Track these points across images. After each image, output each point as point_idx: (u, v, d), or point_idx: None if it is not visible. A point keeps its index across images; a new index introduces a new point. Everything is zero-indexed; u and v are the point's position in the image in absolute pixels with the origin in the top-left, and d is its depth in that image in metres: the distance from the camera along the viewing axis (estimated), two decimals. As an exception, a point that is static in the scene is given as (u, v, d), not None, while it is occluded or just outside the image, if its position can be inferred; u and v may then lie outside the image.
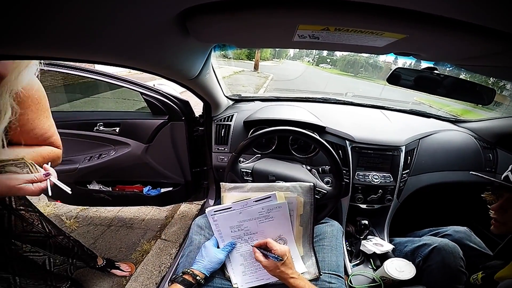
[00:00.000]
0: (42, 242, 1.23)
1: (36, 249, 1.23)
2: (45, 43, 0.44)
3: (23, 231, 1.15)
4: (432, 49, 0.60)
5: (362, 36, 0.50)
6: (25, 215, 1.15)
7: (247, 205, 0.87)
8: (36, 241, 1.22)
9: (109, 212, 2.20)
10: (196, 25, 0.50)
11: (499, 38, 0.45)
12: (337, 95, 2.36)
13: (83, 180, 1.63)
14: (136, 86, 1.39)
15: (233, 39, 0.64)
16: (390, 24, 0.44)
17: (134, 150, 1.50)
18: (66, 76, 5.11)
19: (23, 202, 1.15)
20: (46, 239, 1.24)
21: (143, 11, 0.42)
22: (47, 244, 1.25)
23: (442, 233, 1.27)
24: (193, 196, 1.89)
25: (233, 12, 0.44)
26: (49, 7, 0.34)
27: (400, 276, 1.06)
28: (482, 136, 1.65)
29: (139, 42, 0.56)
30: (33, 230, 1.18)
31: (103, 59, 0.60)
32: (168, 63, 0.79)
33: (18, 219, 1.12)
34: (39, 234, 1.21)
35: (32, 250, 1.22)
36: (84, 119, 1.46)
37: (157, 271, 1.68)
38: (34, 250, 1.23)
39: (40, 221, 1.22)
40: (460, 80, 1.04)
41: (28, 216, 1.16)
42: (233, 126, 1.50)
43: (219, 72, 1.42)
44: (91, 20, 0.41)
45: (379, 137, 1.42)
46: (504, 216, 0.91)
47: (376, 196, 1.40)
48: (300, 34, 0.53)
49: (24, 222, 1.14)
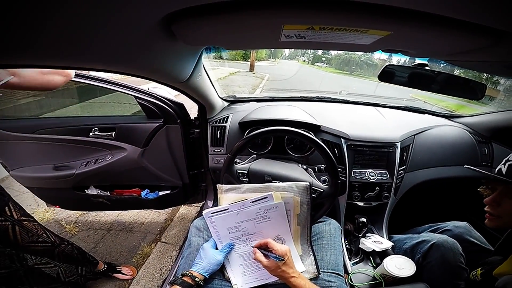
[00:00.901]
0: (50, 252, 1.24)
1: (47, 260, 1.24)
2: (33, 53, 0.44)
3: (30, 242, 1.15)
4: (419, 45, 0.60)
5: (347, 34, 0.51)
6: (28, 225, 1.15)
7: (244, 206, 0.87)
8: (44, 251, 1.22)
9: (109, 216, 2.20)
10: (182, 28, 0.50)
11: (484, 33, 0.45)
12: (332, 93, 2.37)
13: (80, 185, 1.63)
14: (130, 90, 1.38)
15: (220, 41, 0.64)
16: (374, 21, 0.45)
17: (131, 154, 1.50)
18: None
19: (23, 212, 1.15)
20: (53, 248, 1.25)
21: (127, 16, 0.42)
22: (55, 254, 1.26)
23: (442, 229, 1.27)
24: (191, 198, 1.89)
25: (217, 15, 0.44)
26: (34, 18, 0.34)
27: (400, 273, 1.06)
28: (477, 130, 1.66)
29: (126, 47, 0.56)
30: (39, 240, 1.18)
31: (90, 66, 0.60)
32: (157, 67, 0.78)
33: (22, 230, 1.12)
34: (45, 244, 1.21)
35: (43, 261, 1.23)
36: (79, 125, 1.46)
37: (158, 273, 1.68)
38: (45, 261, 1.24)
39: (43, 231, 1.22)
40: (454, 76, 1.05)
41: (31, 226, 1.16)
42: (228, 128, 1.50)
43: (214, 74, 1.42)
44: (76, 27, 0.41)
45: (374, 134, 1.43)
46: (498, 210, 0.90)
47: (373, 194, 1.40)
48: (286, 34, 0.53)
49: (29, 233, 1.14)
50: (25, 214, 1.16)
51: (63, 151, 1.50)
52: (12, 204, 1.12)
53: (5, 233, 1.07)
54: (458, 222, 1.27)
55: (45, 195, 1.71)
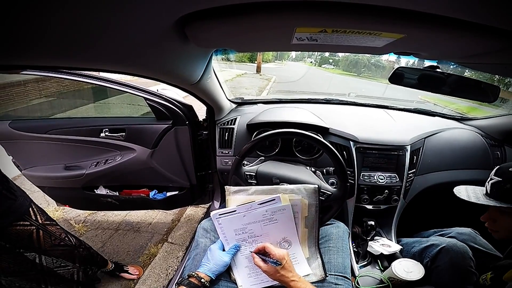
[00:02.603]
0: (70, 255, 1.27)
1: (65, 263, 1.27)
2: (44, 53, 0.45)
3: (52, 246, 1.18)
4: (432, 47, 0.59)
5: (360, 37, 0.50)
6: (51, 229, 1.17)
7: (252, 208, 0.87)
8: (65, 254, 1.25)
9: (117, 216, 2.23)
10: (195, 31, 0.51)
11: (499, 36, 0.44)
12: (340, 95, 2.35)
13: (90, 185, 1.66)
14: (139, 92, 1.41)
15: (232, 44, 0.65)
16: (387, 25, 0.44)
17: (140, 155, 1.52)
18: (72, 82, 5.21)
19: (46, 216, 1.18)
20: (73, 250, 1.28)
21: (141, 18, 0.43)
22: (75, 256, 1.29)
23: (446, 235, 1.25)
24: (198, 199, 1.90)
25: (230, 17, 0.44)
26: (45, 16, 0.34)
27: (409, 277, 1.05)
28: (489, 133, 1.62)
29: (138, 49, 0.57)
30: (61, 244, 1.22)
31: (103, 67, 0.61)
32: (169, 69, 0.79)
33: (46, 234, 1.14)
34: (66, 247, 1.24)
35: (62, 264, 1.26)
36: (90, 125, 1.48)
37: (164, 274, 1.70)
38: (64, 264, 1.26)
39: (66, 234, 1.25)
40: (465, 78, 1.03)
41: (55, 230, 1.19)
42: (236, 129, 1.51)
43: (221, 76, 1.43)
44: (89, 28, 0.41)
45: (383, 137, 1.41)
46: (495, 225, 0.92)
47: (382, 197, 1.38)
48: (298, 37, 0.53)
49: (52, 236, 1.17)
50: (49, 218, 1.19)
51: (74, 151, 1.54)
52: (36, 207, 1.14)
53: (30, 237, 1.09)
54: (462, 229, 1.25)
55: (55, 194, 1.75)
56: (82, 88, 5.91)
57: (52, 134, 1.44)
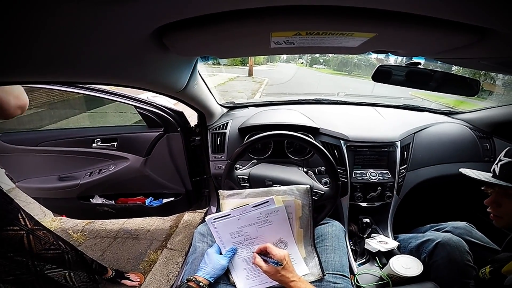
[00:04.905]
0: (61, 259, 1.27)
1: (58, 267, 1.28)
2: (24, 69, 0.45)
3: (42, 250, 1.19)
4: (406, 45, 0.61)
5: (334, 37, 0.51)
6: (40, 234, 1.18)
7: (246, 211, 0.88)
8: (55, 258, 1.25)
9: (114, 224, 2.22)
10: (173, 40, 0.51)
11: (467, 31, 0.46)
12: (330, 95, 2.37)
13: (85, 195, 1.65)
14: (129, 100, 1.40)
15: (212, 51, 0.65)
16: (358, 24, 0.45)
17: (133, 163, 1.52)
18: (61, 92, 5.14)
19: (34, 221, 1.19)
20: (64, 255, 1.28)
21: (117, 31, 0.43)
22: (66, 260, 1.29)
23: (442, 230, 1.25)
24: (195, 205, 1.90)
25: (204, 26, 0.45)
26: (22, 34, 0.35)
27: (407, 273, 1.04)
28: (477, 126, 1.65)
29: (118, 61, 0.57)
30: (51, 248, 1.22)
31: (86, 79, 0.61)
32: (152, 78, 0.79)
33: (35, 239, 1.15)
34: (57, 251, 1.25)
35: (53, 267, 1.27)
36: (82, 136, 1.48)
37: (165, 280, 1.69)
38: (56, 267, 1.28)
39: (54, 238, 1.26)
40: (450, 74, 1.05)
41: (43, 235, 1.20)
42: (228, 134, 1.51)
43: (213, 80, 1.45)
44: (69, 44, 0.42)
45: (373, 135, 1.43)
46: (499, 210, 0.90)
47: (376, 194, 1.40)
48: (275, 41, 0.54)
49: (42, 241, 1.18)
50: (37, 223, 1.20)
51: (67, 162, 1.53)
52: (24, 213, 1.15)
53: (20, 241, 1.11)
54: (457, 223, 1.25)
55: (51, 205, 1.74)
56: (73, 97, 5.83)
57: (44, 146, 1.43)
